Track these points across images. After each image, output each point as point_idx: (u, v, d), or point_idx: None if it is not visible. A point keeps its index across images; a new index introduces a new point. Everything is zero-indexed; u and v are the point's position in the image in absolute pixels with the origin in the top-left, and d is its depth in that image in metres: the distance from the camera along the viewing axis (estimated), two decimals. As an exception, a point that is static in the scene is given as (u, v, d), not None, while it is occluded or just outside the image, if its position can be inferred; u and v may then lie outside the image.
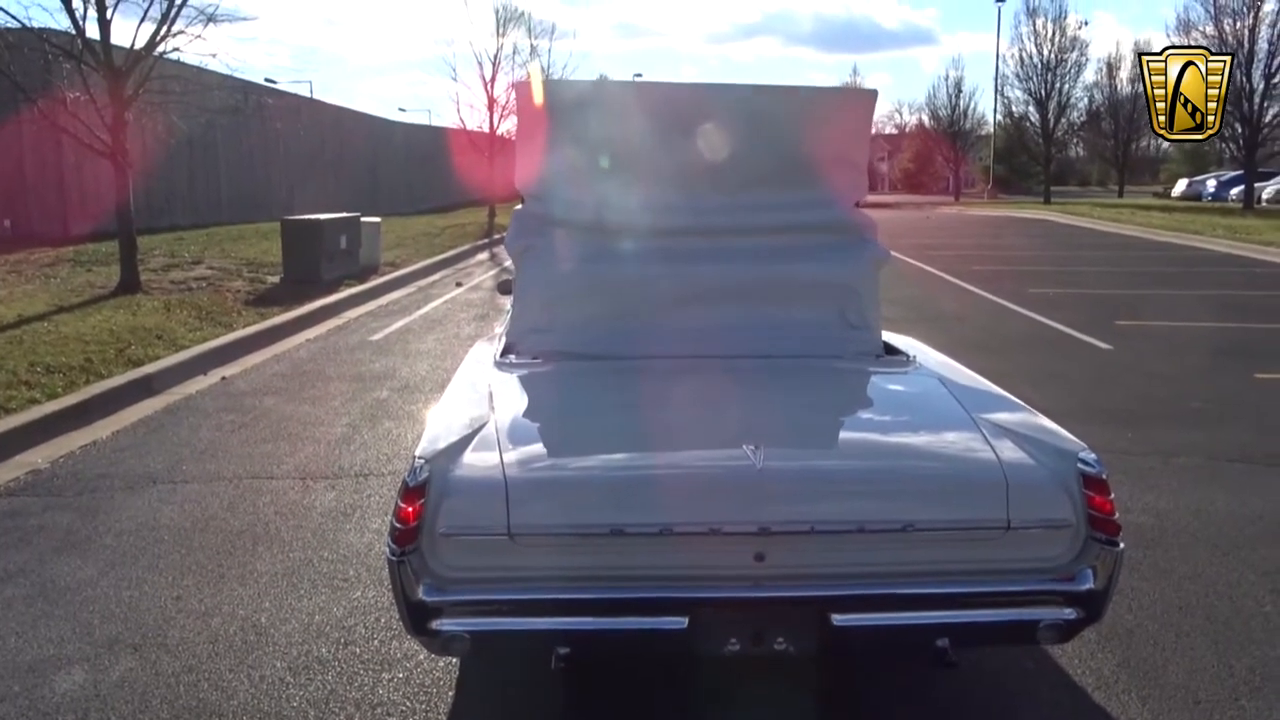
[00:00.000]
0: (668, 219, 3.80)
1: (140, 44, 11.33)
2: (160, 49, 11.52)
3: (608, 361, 3.60)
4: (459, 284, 14.91)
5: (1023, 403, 3.24)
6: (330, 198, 23.86)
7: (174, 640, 3.52)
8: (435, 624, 2.58)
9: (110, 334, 8.76)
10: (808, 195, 3.84)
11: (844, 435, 3.15)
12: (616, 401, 3.35)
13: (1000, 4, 54.63)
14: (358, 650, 3.43)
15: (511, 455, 2.71)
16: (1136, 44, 60.99)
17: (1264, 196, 34.90)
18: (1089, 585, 2.65)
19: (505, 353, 3.73)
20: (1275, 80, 32.28)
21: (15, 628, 3.64)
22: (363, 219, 15.38)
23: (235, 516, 4.79)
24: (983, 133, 59.22)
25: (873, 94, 4.17)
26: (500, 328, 4.29)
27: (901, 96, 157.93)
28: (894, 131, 77.35)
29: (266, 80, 24.98)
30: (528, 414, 3.16)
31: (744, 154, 3.77)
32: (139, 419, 6.74)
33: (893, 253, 4.41)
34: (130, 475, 5.48)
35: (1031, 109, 48.73)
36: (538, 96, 3.91)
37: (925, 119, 63.73)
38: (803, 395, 3.49)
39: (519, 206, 4.00)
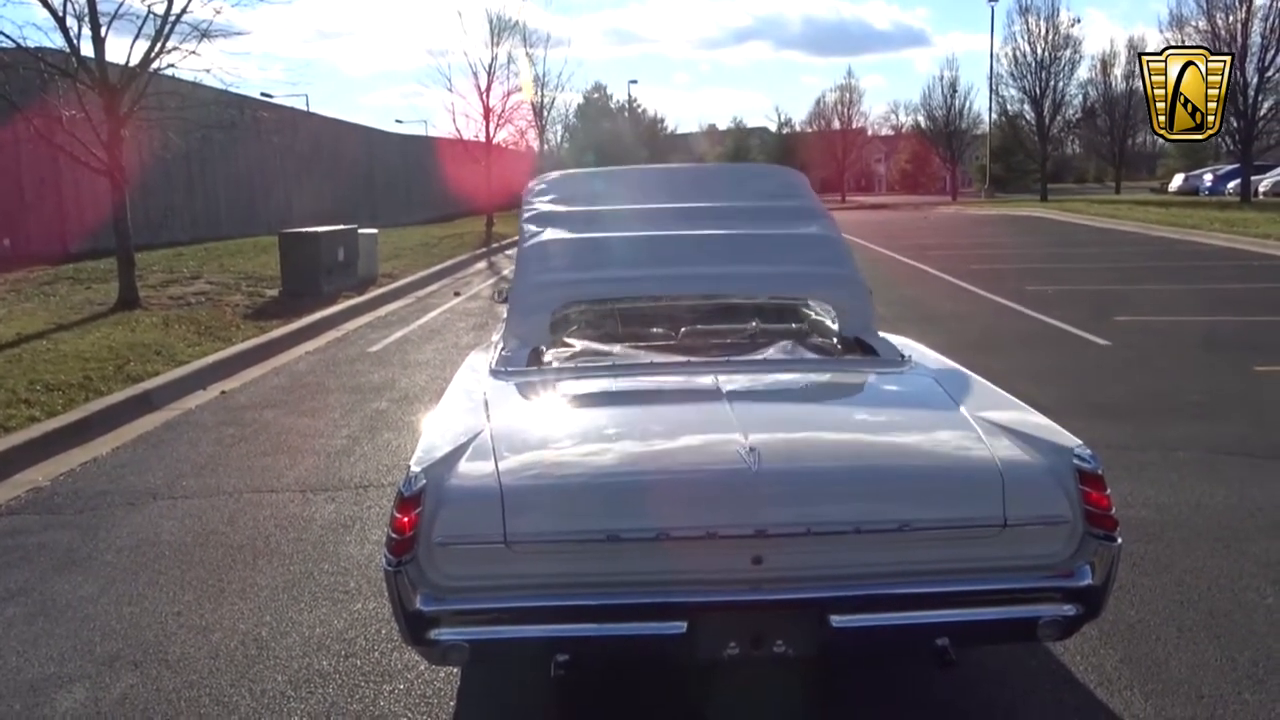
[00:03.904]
0: (654, 221, 4.39)
1: (135, 61, 11.39)
2: (155, 65, 11.56)
3: (603, 368, 3.61)
4: (457, 293, 14.92)
5: (1018, 400, 3.24)
6: (327, 210, 23.90)
7: (175, 656, 3.52)
8: (433, 634, 2.58)
9: (109, 351, 8.77)
10: (771, 189, 4.73)
11: (839, 436, 3.14)
12: (611, 407, 3.35)
13: (993, 3, 54.80)
14: (359, 662, 3.43)
15: (507, 463, 2.71)
16: (1131, 40, 61.07)
17: (1261, 189, 34.92)
18: (1088, 581, 2.65)
19: (504, 348, 3.86)
20: (1269, 74, 32.31)
21: (16, 646, 3.64)
22: (360, 230, 15.40)
23: (235, 530, 4.79)
24: (978, 132, 59.23)
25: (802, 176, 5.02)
26: (496, 336, 4.30)
27: (896, 98, 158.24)
28: (890, 133, 77.49)
29: (262, 94, 24.94)
30: (522, 422, 3.16)
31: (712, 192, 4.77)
32: (139, 435, 6.74)
33: (889, 253, 4.85)
34: (130, 491, 5.48)
35: (1026, 107, 48.91)
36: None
37: (921, 120, 63.75)
38: (798, 397, 3.49)
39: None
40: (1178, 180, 45.48)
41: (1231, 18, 32.79)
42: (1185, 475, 5.24)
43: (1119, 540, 2.70)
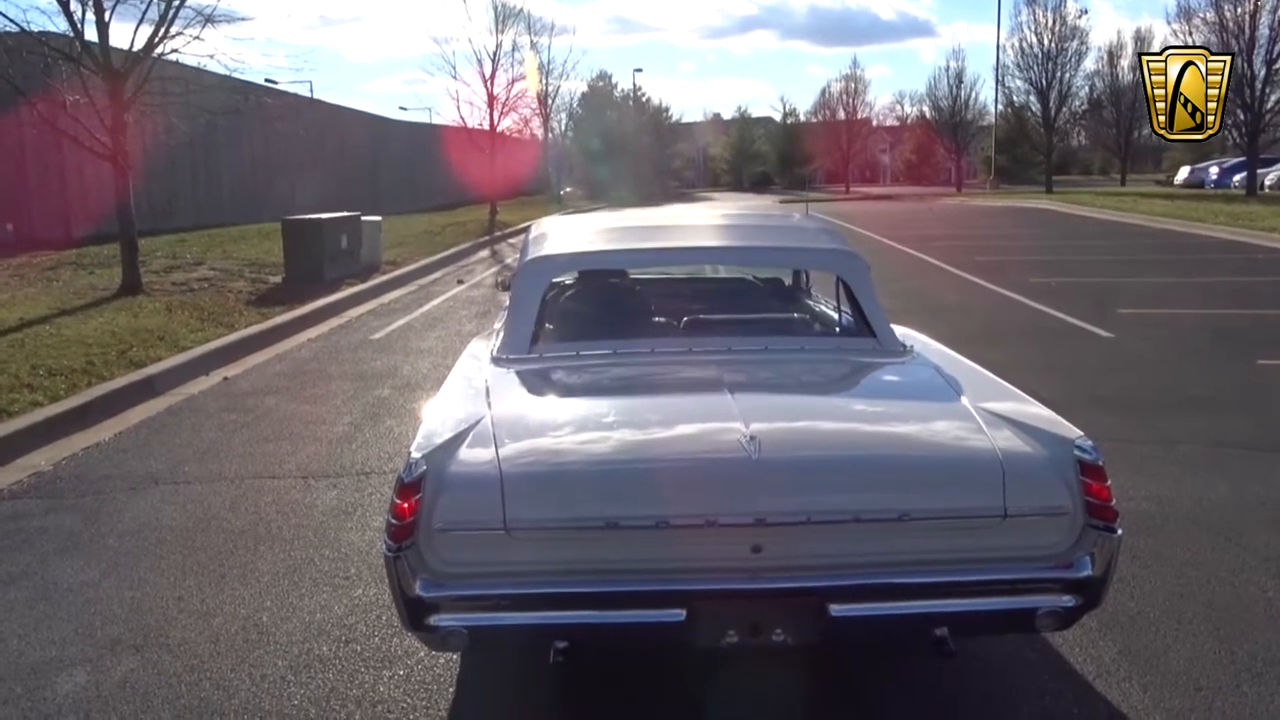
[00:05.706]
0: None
1: (139, 46, 11.35)
2: (159, 50, 11.52)
3: (604, 356, 3.61)
4: (460, 281, 14.91)
5: (1019, 391, 3.23)
6: (331, 197, 23.79)
7: (176, 640, 3.53)
8: (433, 619, 2.58)
9: (112, 336, 8.77)
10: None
11: (840, 425, 3.14)
12: (612, 395, 3.35)
13: (1000, -8, 54.26)
14: (359, 648, 3.44)
15: (507, 450, 2.71)
16: (1138, 32, 60.79)
17: (1267, 183, 34.74)
18: (1087, 572, 2.65)
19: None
20: (1276, 67, 32.07)
21: (18, 629, 3.65)
22: (363, 218, 15.37)
23: (237, 516, 4.80)
24: (984, 123, 58.94)
25: None
26: (498, 324, 4.30)
27: (901, 88, 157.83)
28: (895, 124, 77.20)
29: (266, 80, 24.83)
30: (523, 409, 3.17)
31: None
32: (141, 420, 6.75)
33: (893, 244, 5.05)
34: (132, 476, 5.49)
35: (1032, 99, 48.52)
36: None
37: (926, 111, 63.47)
38: (799, 386, 3.49)
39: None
40: (1183, 173, 45.27)
41: (1240, 9, 32.53)
42: (1187, 468, 5.23)
43: (1119, 532, 2.70)
